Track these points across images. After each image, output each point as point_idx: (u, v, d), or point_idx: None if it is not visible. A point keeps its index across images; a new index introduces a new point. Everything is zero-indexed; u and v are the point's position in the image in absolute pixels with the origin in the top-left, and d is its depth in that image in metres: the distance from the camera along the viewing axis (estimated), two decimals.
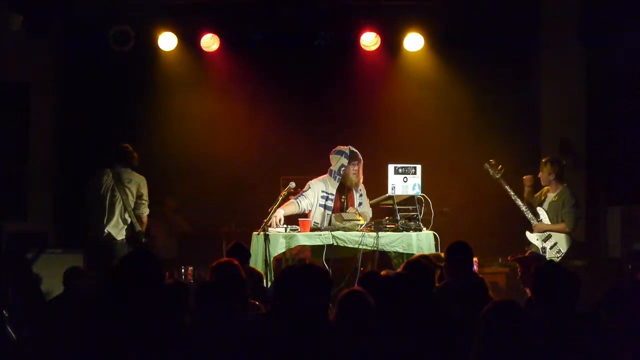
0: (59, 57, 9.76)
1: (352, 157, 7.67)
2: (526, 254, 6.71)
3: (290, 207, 7.55)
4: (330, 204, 7.67)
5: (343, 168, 7.65)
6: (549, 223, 8.05)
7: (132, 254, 4.30)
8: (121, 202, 7.96)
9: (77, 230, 8.60)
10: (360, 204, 7.80)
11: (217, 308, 4.47)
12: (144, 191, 8.06)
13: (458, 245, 5.78)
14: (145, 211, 8.09)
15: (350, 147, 7.73)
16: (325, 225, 7.50)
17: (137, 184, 8.04)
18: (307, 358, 3.86)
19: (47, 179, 9.71)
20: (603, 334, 4.17)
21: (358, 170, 7.71)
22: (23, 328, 6.93)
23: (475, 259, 6.89)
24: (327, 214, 7.62)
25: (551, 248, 8.04)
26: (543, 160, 8.24)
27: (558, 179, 8.13)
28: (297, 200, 7.60)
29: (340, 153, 7.69)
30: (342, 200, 7.80)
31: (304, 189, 7.70)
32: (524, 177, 8.30)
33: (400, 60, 9.73)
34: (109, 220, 7.95)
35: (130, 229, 8.00)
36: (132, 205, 7.99)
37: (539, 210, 8.11)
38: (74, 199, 8.70)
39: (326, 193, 7.70)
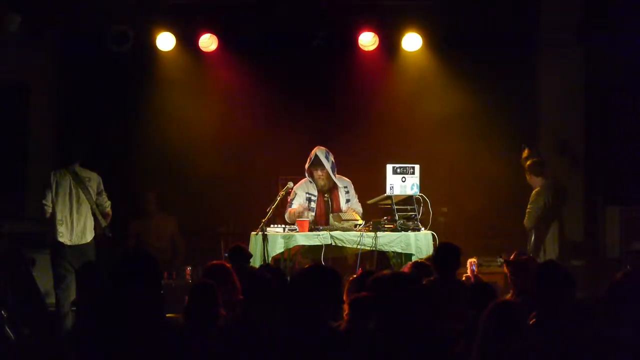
0: (58, 58, 9.77)
1: (313, 163, 7.71)
2: (511, 256, 6.77)
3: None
4: (313, 205, 7.71)
5: (309, 173, 7.70)
6: None
7: (130, 255, 4.30)
8: (87, 203, 7.88)
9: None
10: (347, 200, 7.81)
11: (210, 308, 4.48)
12: (102, 186, 8.01)
13: (446, 246, 5.86)
14: (109, 204, 8.04)
15: (318, 151, 7.71)
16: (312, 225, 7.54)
17: (96, 181, 7.97)
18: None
19: (41, 187, 9.69)
20: (602, 333, 4.16)
21: (323, 176, 7.73)
22: (22, 328, 6.94)
23: (474, 260, 6.90)
24: (312, 215, 7.66)
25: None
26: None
27: (533, 175, 8.47)
28: (293, 208, 7.66)
29: (309, 158, 7.74)
30: (326, 199, 7.82)
31: (292, 197, 7.72)
32: None
33: (399, 60, 9.72)
34: (80, 224, 7.88)
35: (96, 226, 7.97)
36: (94, 203, 7.94)
37: None
38: None
39: (309, 194, 7.74)
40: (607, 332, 4.07)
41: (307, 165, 7.75)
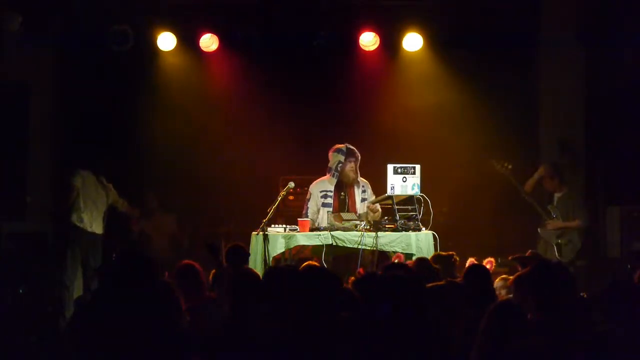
0: (58, 57, 9.76)
1: (348, 154, 7.74)
2: (527, 254, 6.73)
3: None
4: (329, 200, 7.72)
5: (340, 165, 7.70)
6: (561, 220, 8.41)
7: (127, 255, 4.31)
8: (105, 204, 8.44)
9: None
10: (363, 199, 7.82)
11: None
12: (116, 196, 8.64)
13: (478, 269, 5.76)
14: (123, 202, 8.71)
15: (347, 144, 7.76)
16: (326, 223, 7.54)
17: (112, 192, 8.57)
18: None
19: (47, 179, 9.70)
20: (599, 333, 4.17)
21: (355, 167, 7.75)
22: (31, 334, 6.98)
23: (491, 260, 6.91)
24: (328, 212, 7.66)
25: (566, 245, 8.21)
26: (543, 170, 8.52)
27: (562, 181, 8.54)
28: (307, 214, 7.68)
29: (338, 151, 7.77)
30: (342, 196, 7.83)
31: (307, 197, 7.78)
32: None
33: (400, 60, 9.73)
34: (99, 216, 8.37)
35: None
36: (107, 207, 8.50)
37: (550, 207, 8.36)
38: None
39: (325, 191, 7.74)
40: (604, 332, 4.07)
41: (339, 159, 7.72)
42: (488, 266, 6.82)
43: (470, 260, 6.75)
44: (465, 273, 5.63)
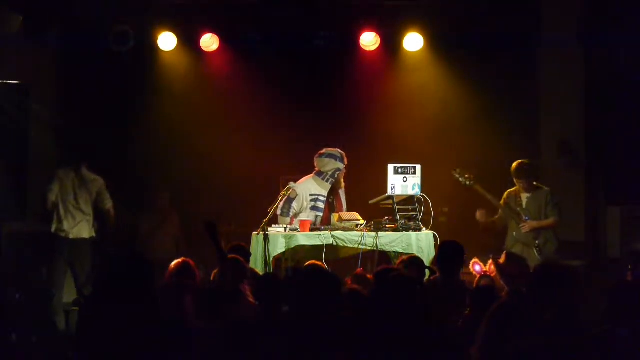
0: (59, 58, 9.76)
1: (343, 161, 7.75)
2: (502, 257, 6.67)
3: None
4: (320, 205, 7.70)
5: (338, 172, 7.70)
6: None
7: (124, 256, 4.31)
8: (89, 203, 8.29)
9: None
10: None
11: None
12: (104, 189, 8.42)
13: (451, 245, 5.84)
14: (108, 203, 8.42)
15: (339, 149, 7.76)
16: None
17: (99, 183, 8.38)
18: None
19: (47, 179, 9.69)
20: (601, 333, 4.17)
21: (344, 173, 7.81)
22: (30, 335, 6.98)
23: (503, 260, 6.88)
24: (318, 216, 7.65)
25: (544, 245, 8.12)
26: (516, 170, 8.20)
27: (536, 180, 8.27)
28: (289, 213, 7.63)
29: (334, 157, 7.74)
30: (330, 200, 7.84)
31: (290, 195, 7.65)
32: (478, 214, 8.28)
33: (400, 60, 9.75)
34: (79, 221, 8.22)
35: (94, 225, 8.38)
36: (94, 203, 8.32)
37: (521, 210, 8.20)
38: None
39: (315, 195, 7.70)
40: (606, 332, 4.08)
41: (337, 167, 7.70)
42: (494, 267, 6.80)
43: (474, 261, 6.76)
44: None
